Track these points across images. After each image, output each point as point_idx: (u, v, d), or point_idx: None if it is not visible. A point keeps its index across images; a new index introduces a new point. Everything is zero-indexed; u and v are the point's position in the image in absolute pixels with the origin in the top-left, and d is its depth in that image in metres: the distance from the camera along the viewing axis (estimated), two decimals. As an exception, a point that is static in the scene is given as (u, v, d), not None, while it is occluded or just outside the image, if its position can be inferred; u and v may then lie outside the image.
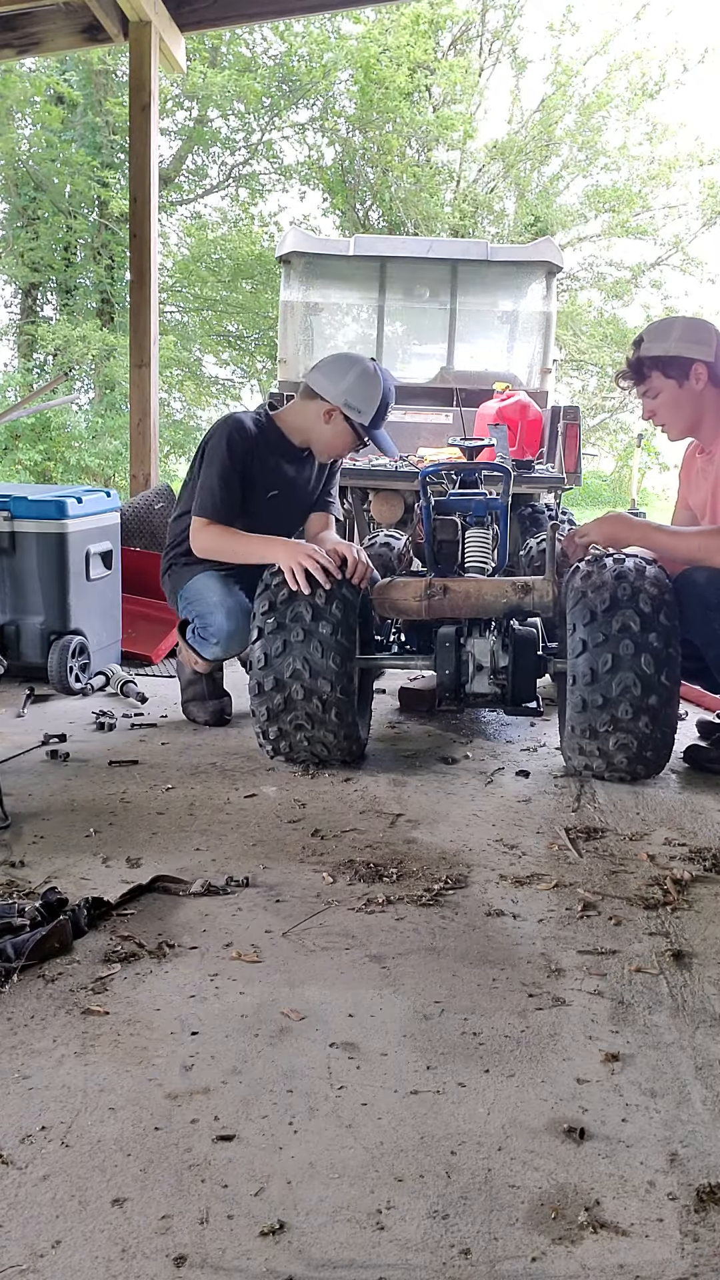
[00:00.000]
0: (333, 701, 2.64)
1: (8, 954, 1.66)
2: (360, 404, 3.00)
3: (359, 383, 2.99)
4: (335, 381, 3.00)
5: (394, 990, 1.63)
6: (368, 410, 3.00)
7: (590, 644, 2.52)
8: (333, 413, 3.02)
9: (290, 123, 16.44)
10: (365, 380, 3.00)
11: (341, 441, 3.10)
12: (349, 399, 2.99)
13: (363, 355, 3.12)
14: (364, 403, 3.00)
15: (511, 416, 5.54)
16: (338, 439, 3.08)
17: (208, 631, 3.08)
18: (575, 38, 16.75)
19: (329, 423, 3.04)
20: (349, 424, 3.03)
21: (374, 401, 3.00)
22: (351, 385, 2.99)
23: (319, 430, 3.08)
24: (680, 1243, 1.12)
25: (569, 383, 17.62)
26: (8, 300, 17.55)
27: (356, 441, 3.11)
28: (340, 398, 2.99)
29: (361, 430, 3.05)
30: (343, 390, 2.99)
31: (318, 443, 3.12)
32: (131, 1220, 1.13)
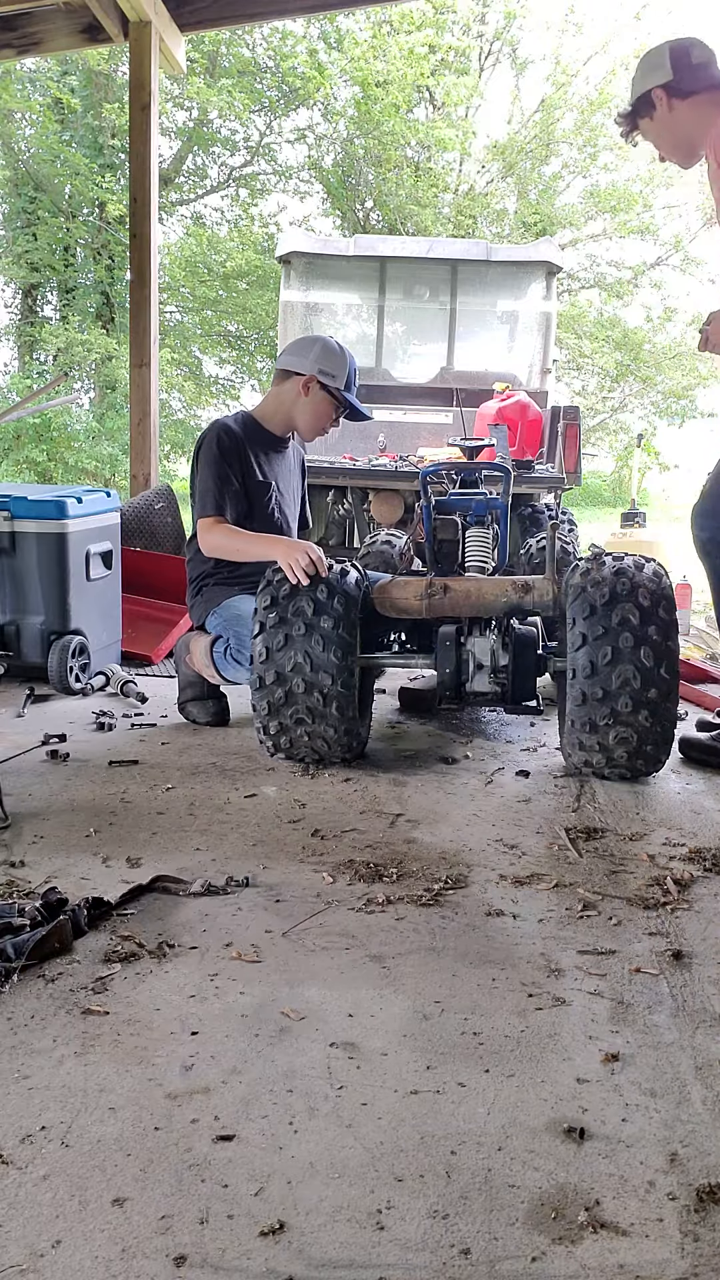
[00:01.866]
0: (333, 696, 2.64)
1: (8, 954, 1.66)
2: (332, 369, 3.20)
3: (325, 353, 3.22)
4: (304, 356, 3.22)
5: (394, 990, 1.63)
6: (340, 374, 3.21)
7: (590, 637, 2.53)
8: (309, 383, 3.21)
9: (291, 127, 16.46)
10: (330, 350, 3.23)
11: (323, 410, 3.25)
12: (321, 366, 3.20)
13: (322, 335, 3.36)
14: (335, 367, 3.21)
15: (511, 416, 5.54)
16: (318, 408, 3.24)
17: (242, 654, 3.09)
18: (575, 38, 16.66)
19: (307, 394, 3.22)
20: (325, 390, 3.21)
21: (344, 365, 3.22)
22: (319, 355, 3.21)
23: (299, 405, 3.24)
24: (680, 1243, 1.12)
25: (569, 383, 17.63)
26: (8, 301, 17.57)
27: (335, 409, 3.26)
28: (313, 367, 3.19)
29: (338, 395, 3.22)
30: (313, 360, 3.20)
31: (300, 418, 3.27)
32: (131, 1220, 1.13)
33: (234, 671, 3.13)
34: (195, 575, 3.30)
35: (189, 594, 3.34)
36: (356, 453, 5.80)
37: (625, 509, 8.01)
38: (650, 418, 17.83)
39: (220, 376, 18.00)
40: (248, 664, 3.05)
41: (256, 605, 2.73)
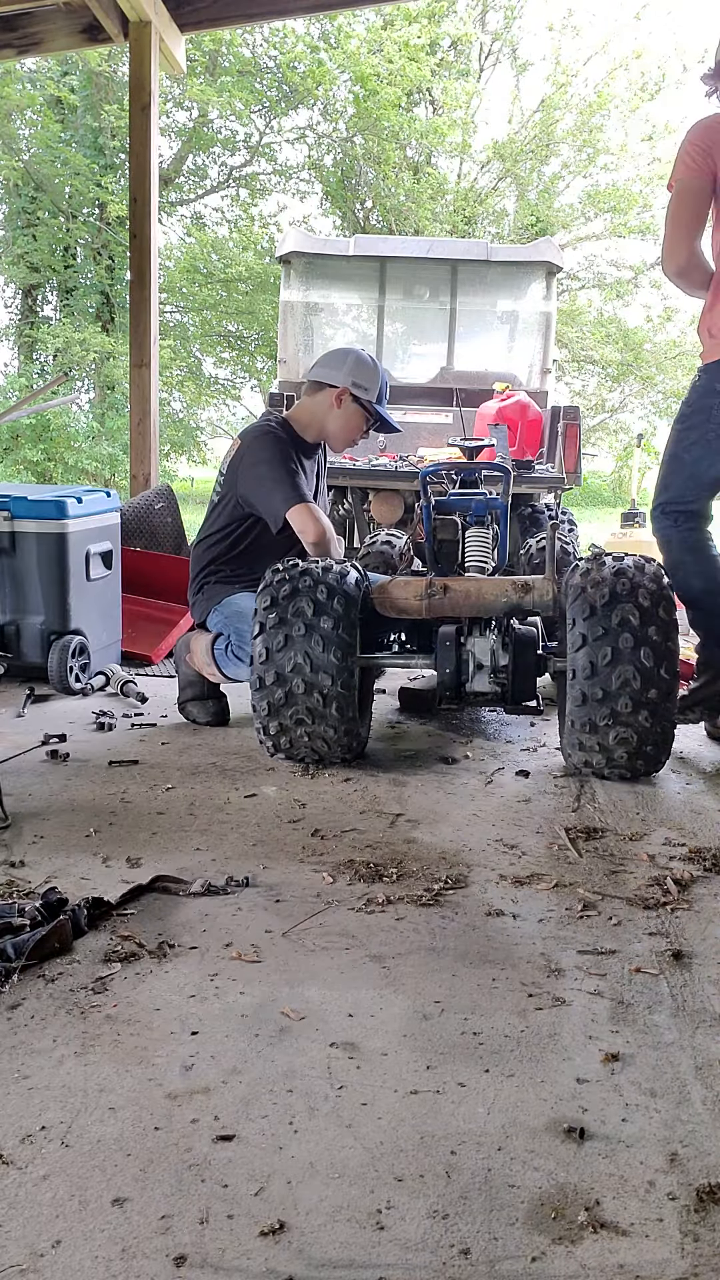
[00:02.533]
0: (333, 696, 2.64)
1: (8, 954, 1.66)
2: (365, 382, 3.24)
3: (358, 366, 3.25)
4: (338, 369, 3.25)
5: (394, 990, 1.63)
6: (373, 387, 3.25)
7: (590, 638, 2.53)
8: (343, 395, 3.24)
9: (291, 127, 16.46)
10: (363, 363, 3.26)
11: (354, 423, 3.29)
12: (354, 379, 3.23)
13: (354, 347, 3.39)
14: (368, 380, 3.24)
15: (511, 416, 5.53)
16: (350, 420, 3.28)
17: (243, 651, 3.11)
18: (575, 38, 16.66)
19: (340, 407, 3.25)
20: (358, 403, 3.24)
21: (376, 379, 3.26)
22: (352, 368, 3.24)
23: (332, 417, 3.27)
24: (680, 1243, 1.12)
25: (569, 383, 17.63)
26: (8, 301, 17.57)
27: (367, 420, 3.30)
28: (346, 379, 3.22)
29: (370, 407, 3.25)
30: (346, 373, 3.23)
31: (332, 428, 3.30)
32: (131, 1220, 1.13)
33: (234, 669, 3.14)
34: (197, 571, 3.30)
35: (191, 590, 3.35)
36: (356, 453, 5.80)
37: (625, 509, 8.01)
38: (650, 418, 17.83)
39: (220, 376, 18.00)
40: (249, 661, 3.05)
41: (256, 605, 2.73)
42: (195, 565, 3.32)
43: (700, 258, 2.91)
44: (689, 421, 3.03)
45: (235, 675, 3.16)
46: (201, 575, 3.29)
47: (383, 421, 3.32)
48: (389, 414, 3.35)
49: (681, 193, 2.85)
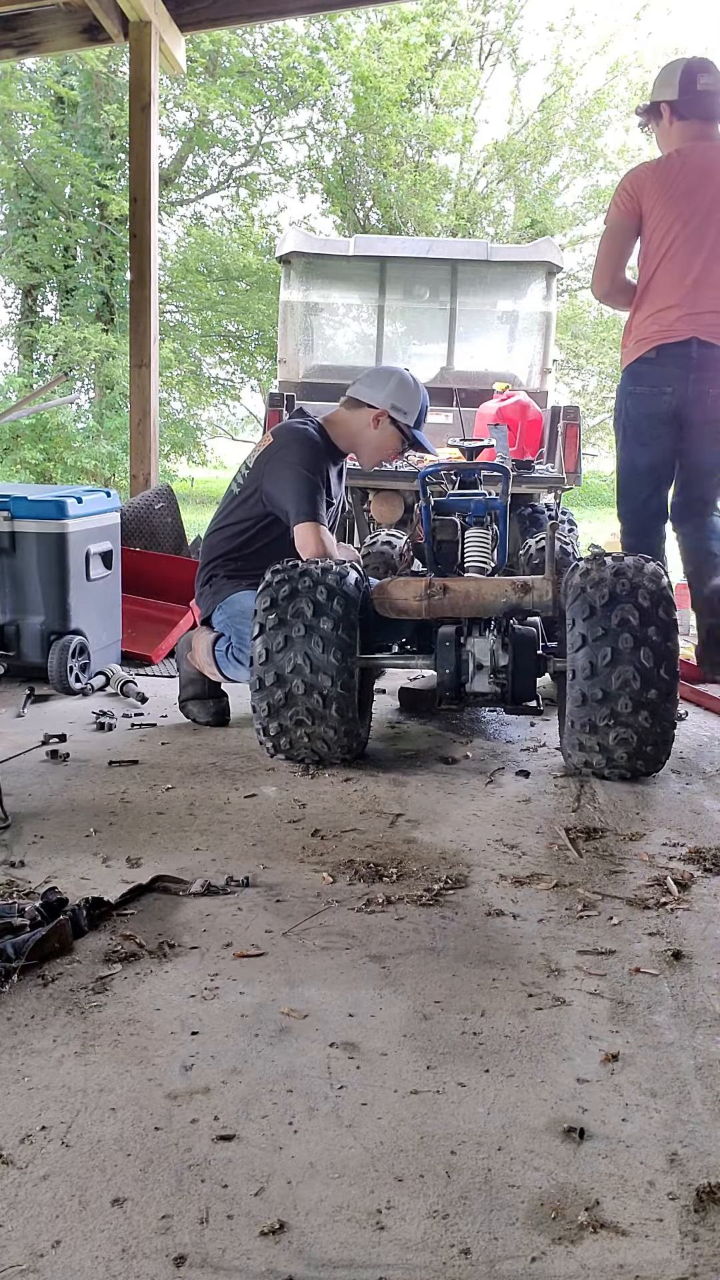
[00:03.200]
0: (333, 697, 2.64)
1: (8, 954, 1.66)
2: (405, 406, 3.22)
3: (400, 389, 3.22)
4: (379, 389, 3.23)
5: (394, 990, 1.63)
6: (412, 411, 3.23)
7: (590, 638, 2.53)
8: (380, 417, 3.22)
9: (290, 126, 16.47)
10: (406, 386, 3.24)
11: (390, 444, 3.29)
12: (395, 402, 3.21)
13: (399, 367, 3.37)
14: (408, 404, 3.23)
15: (511, 416, 5.53)
16: (386, 441, 3.27)
17: (243, 654, 3.09)
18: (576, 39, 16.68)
19: (377, 427, 3.23)
20: (395, 426, 3.23)
21: (416, 403, 3.23)
22: (394, 390, 3.22)
23: (367, 435, 3.26)
24: (680, 1243, 1.12)
25: (569, 383, 17.63)
26: (8, 301, 17.57)
27: (402, 443, 3.29)
28: (386, 401, 3.21)
29: (407, 431, 3.24)
30: (387, 395, 3.21)
31: (365, 447, 3.29)
32: (131, 1220, 1.13)
33: (235, 670, 3.14)
34: (208, 560, 3.30)
35: (199, 579, 3.34)
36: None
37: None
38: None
39: (220, 376, 18.00)
40: (249, 664, 3.05)
41: (256, 606, 2.73)
42: (206, 554, 3.31)
43: (622, 283, 3.47)
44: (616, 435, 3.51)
45: (236, 677, 3.16)
46: (211, 566, 3.28)
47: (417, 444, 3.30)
48: (424, 438, 3.31)
49: (611, 230, 3.37)
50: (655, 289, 3.35)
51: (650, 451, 3.43)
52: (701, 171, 3.26)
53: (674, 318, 3.30)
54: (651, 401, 3.38)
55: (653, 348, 3.34)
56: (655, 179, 3.29)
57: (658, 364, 3.33)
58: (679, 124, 3.33)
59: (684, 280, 3.29)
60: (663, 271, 3.32)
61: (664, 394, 3.34)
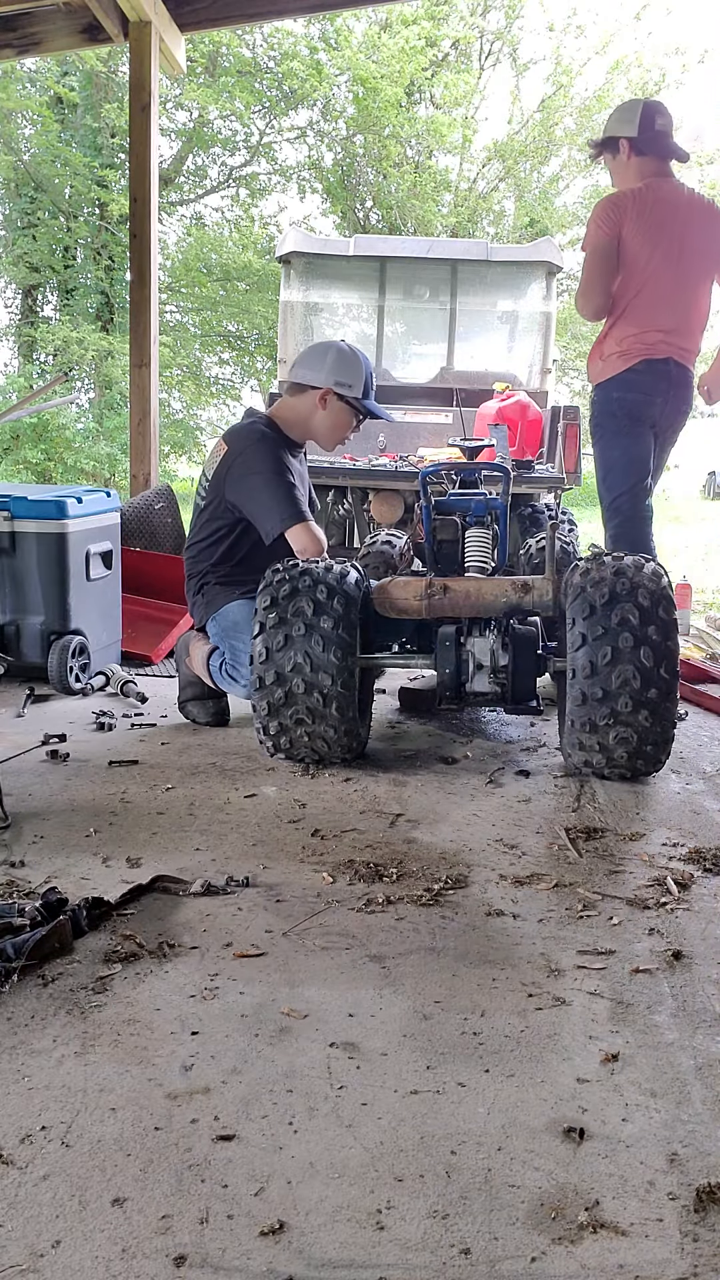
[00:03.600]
0: (333, 696, 2.64)
1: (8, 954, 1.66)
2: (348, 378, 3.15)
3: (340, 362, 3.15)
4: (318, 368, 3.15)
5: (394, 990, 1.63)
6: (357, 382, 3.16)
7: (590, 637, 2.53)
8: (326, 396, 3.15)
9: (290, 126, 16.47)
10: (345, 358, 3.16)
11: (342, 421, 3.22)
12: (337, 378, 3.14)
13: (334, 340, 3.28)
14: (352, 376, 3.15)
15: (511, 416, 5.53)
16: (338, 419, 3.20)
17: (238, 672, 3.07)
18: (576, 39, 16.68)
19: (325, 407, 3.17)
20: (344, 401, 3.16)
21: (360, 373, 3.16)
22: (333, 365, 3.14)
23: (318, 418, 3.20)
24: (680, 1243, 1.12)
25: (569, 383, 17.62)
26: (8, 301, 17.57)
27: (354, 417, 3.23)
28: (329, 379, 3.14)
29: (356, 404, 3.17)
30: (328, 372, 3.14)
31: (319, 429, 3.23)
32: (131, 1220, 1.13)
33: (230, 686, 3.12)
34: (196, 573, 3.25)
35: (189, 590, 3.31)
36: (356, 453, 5.80)
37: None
38: (650, 418, 17.79)
39: (220, 376, 18.00)
40: (243, 681, 3.04)
41: (256, 606, 2.73)
42: (191, 567, 3.28)
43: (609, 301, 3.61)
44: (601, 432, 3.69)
45: (230, 691, 3.15)
46: (200, 577, 3.25)
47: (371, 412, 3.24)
48: (376, 405, 3.26)
49: (599, 250, 3.51)
50: (638, 311, 3.56)
51: (640, 445, 3.65)
52: (670, 206, 3.53)
53: (656, 339, 3.54)
54: (644, 406, 3.61)
55: (640, 360, 3.56)
56: (635, 207, 3.51)
57: (646, 375, 3.57)
58: (637, 159, 3.58)
59: (666, 308, 3.55)
60: (646, 297, 3.55)
61: (654, 401, 3.60)
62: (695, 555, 9.30)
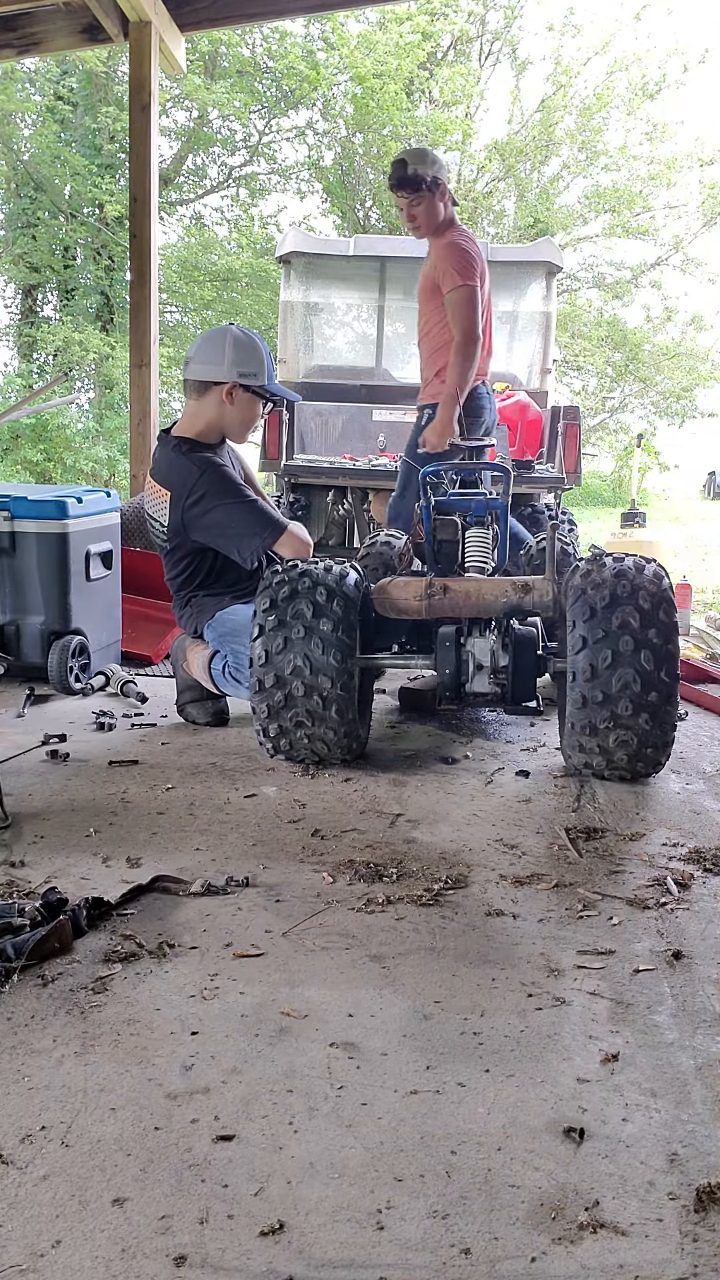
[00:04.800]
0: (333, 698, 2.64)
1: (8, 954, 1.66)
2: (251, 368, 3.09)
3: (237, 351, 3.07)
4: (218, 362, 3.07)
5: (394, 990, 1.63)
6: (260, 370, 3.10)
7: (590, 640, 2.52)
8: (232, 391, 3.09)
9: (290, 126, 16.47)
10: (241, 347, 3.08)
11: (252, 412, 3.18)
12: (240, 370, 3.07)
13: (223, 326, 3.18)
14: (253, 365, 3.09)
15: (511, 416, 5.53)
16: (246, 411, 3.16)
17: (242, 674, 3.05)
18: (576, 38, 16.67)
19: (233, 402, 3.11)
20: (250, 392, 3.11)
21: (260, 358, 3.09)
22: (233, 357, 3.07)
23: (228, 414, 3.14)
24: (680, 1243, 1.12)
25: (569, 383, 17.63)
26: (8, 301, 17.57)
27: (261, 405, 3.19)
28: (230, 373, 3.07)
29: (261, 392, 3.13)
30: (229, 366, 3.06)
31: (230, 425, 3.18)
32: (131, 1220, 1.13)
33: (233, 688, 3.11)
34: (180, 588, 3.24)
35: (175, 604, 3.30)
36: (356, 453, 5.80)
37: (625, 509, 8.01)
38: (650, 418, 17.83)
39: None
40: (247, 683, 3.04)
41: (255, 608, 2.72)
42: (176, 589, 3.26)
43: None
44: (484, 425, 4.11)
45: (234, 694, 3.14)
46: (185, 593, 3.24)
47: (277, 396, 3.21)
48: (280, 388, 3.21)
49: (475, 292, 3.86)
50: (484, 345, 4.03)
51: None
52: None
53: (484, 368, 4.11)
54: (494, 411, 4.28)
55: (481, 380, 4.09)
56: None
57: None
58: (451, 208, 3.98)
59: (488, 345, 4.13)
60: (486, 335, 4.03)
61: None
62: (695, 555, 9.30)
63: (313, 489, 5.73)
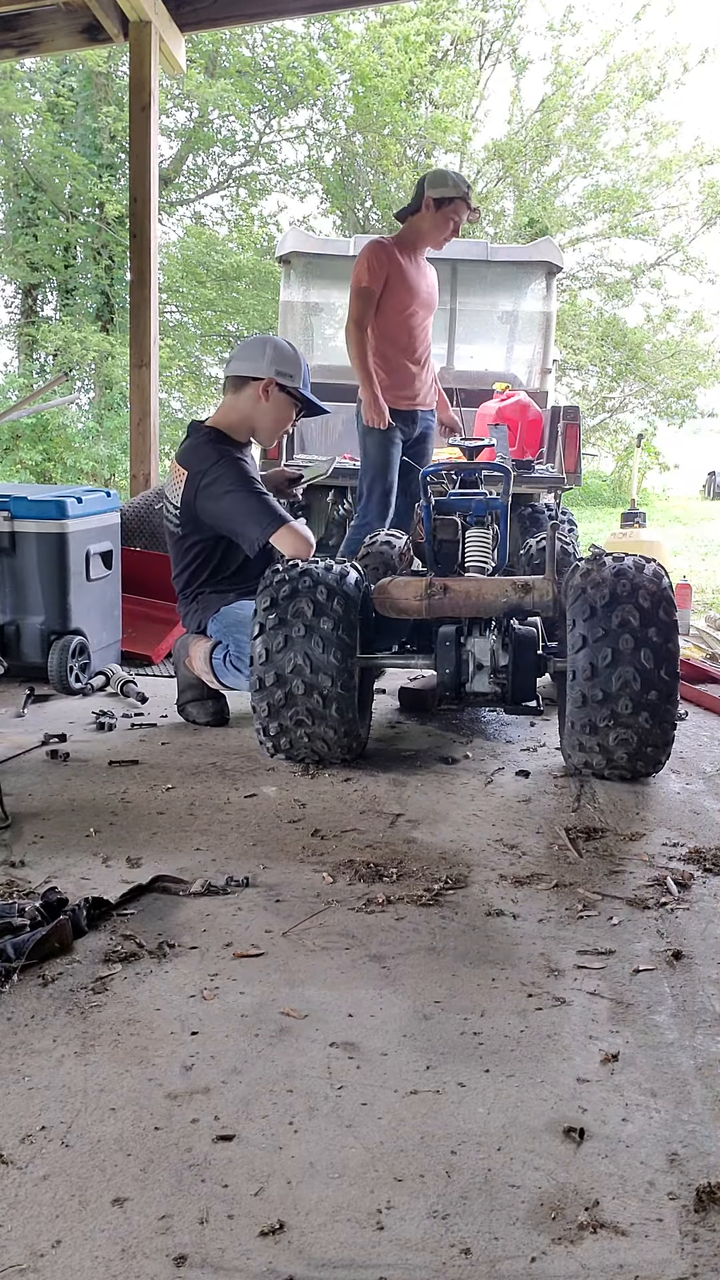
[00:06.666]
0: (333, 697, 2.64)
1: (8, 954, 1.66)
2: (289, 369, 3.19)
3: (278, 354, 3.19)
4: (258, 360, 3.19)
5: (394, 990, 1.63)
6: (297, 373, 3.20)
7: (590, 639, 2.52)
8: (269, 387, 3.18)
9: (290, 126, 16.46)
10: (282, 351, 3.20)
11: (284, 414, 3.25)
12: (278, 368, 3.17)
13: (268, 335, 3.32)
14: (291, 367, 3.19)
15: (511, 416, 5.53)
16: (280, 412, 3.24)
17: (242, 662, 3.08)
18: (575, 38, 16.69)
19: (268, 399, 3.20)
20: (285, 392, 3.20)
21: (298, 364, 3.21)
22: (274, 357, 3.18)
23: (261, 411, 3.22)
24: (680, 1243, 1.12)
25: (569, 383, 17.63)
26: (8, 300, 17.56)
27: (295, 408, 3.26)
28: (269, 370, 3.17)
29: (297, 395, 3.21)
30: (268, 364, 3.17)
31: (262, 422, 3.25)
32: (131, 1220, 1.13)
33: (234, 679, 3.12)
34: (186, 584, 3.27)
35: (181, 602, 3.33)
36: (357, 453, 5.79)
37: (625, 509, 8.01)
38: (650, 418, 17.84)
39: (220, 376, 17.98)
40: (247, 672, 3.05)
41: (256, 607, 2.73)
42: (182, 585, 3.29)
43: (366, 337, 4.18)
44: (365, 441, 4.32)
45: (234, 685, 3.15)
46: (192, 589, 3.27)
47: (310, 406, 3.27)
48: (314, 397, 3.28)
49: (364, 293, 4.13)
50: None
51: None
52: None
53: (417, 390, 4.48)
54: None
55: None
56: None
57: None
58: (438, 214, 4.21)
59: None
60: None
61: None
62: (695, 555, 9.30)
63: (312, 488, 5.72)
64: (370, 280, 4.14)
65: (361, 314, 4.14)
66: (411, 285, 4.24)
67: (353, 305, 4.17)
